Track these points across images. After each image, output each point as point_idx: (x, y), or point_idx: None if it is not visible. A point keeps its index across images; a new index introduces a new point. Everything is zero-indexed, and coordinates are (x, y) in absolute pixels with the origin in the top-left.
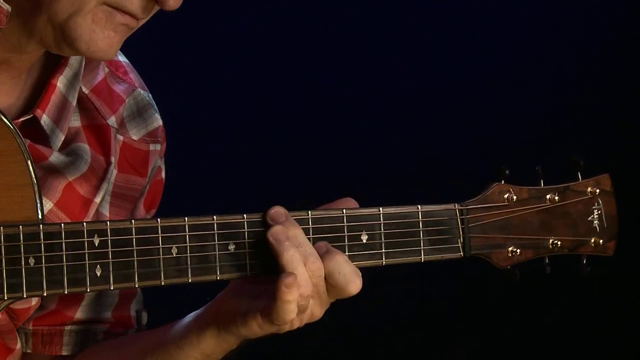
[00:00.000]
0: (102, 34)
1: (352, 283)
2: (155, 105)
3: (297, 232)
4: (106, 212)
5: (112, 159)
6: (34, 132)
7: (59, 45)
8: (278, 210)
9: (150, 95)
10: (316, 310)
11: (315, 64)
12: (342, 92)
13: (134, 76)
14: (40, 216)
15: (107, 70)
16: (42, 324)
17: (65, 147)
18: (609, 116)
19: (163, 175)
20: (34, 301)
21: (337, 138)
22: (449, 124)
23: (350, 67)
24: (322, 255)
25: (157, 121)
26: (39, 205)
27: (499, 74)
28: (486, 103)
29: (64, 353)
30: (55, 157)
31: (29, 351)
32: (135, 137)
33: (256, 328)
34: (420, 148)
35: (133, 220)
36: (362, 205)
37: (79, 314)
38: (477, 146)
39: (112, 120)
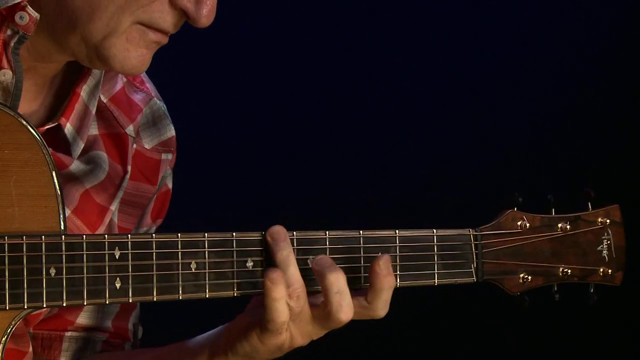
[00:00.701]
0: (135, 52)
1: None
2: (169, 116)
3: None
4: (115, 218)
5: (129, 168)
6: (55, 139)
7: (91, 61)
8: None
9: (165, 106)
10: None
11: (322, 73)
12: (351, 99)
13: (150, 86)
14: (62, 227)
15: (124, 79)
16: (42, 328)
17: (83, 155)
18: (615, 118)
19: (170, 185)
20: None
21: (346, 145)
22: (456, 128)
23: (359, 75)
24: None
25: (171, 131)
26: (61, 216)
27: (516, 103)
28: (493, 106)
29: (62, 359)
30: (75, 166)
31: None
32: (147, 146)
33: (257, 341)
34: (427, 153)
35: (154, 234)
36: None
37: (81, 319)
38: (485, 150)
39: (130, 129)
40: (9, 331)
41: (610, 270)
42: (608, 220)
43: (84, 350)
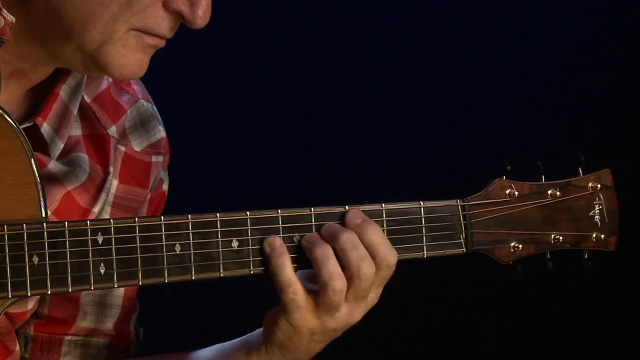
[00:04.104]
0: (132, 58)
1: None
2: (159, 117)
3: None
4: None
5: (111, 169)
6: (33, 139)
7: (88, 69)
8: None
9: (154, 107)
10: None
11: (317, 63)
12: (344, 90)
13: (137, 87)
14: (43, 214)
15: (110, 80)
16: (42, 331)
17: (64, 156)
18: (610, 111)
19: (165, 187)
20: (30, 305)
21: (338, 136)
22: (450, 121)
23: (351, 66)
24: (359, 225)
25: (160, 133)
26: (42, 203)
27: (499, 70)
28: (487, 99)
29: None
30: (53, 165)
31: (26, 356)
32: (137, 149)
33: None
34: (421, 145)
35: (137, 218)
36: (365, 202)
37: (79, 321)
38: (478, 143)
39: (112, 130)
40: None
41: (603, 236)
42: (599, 185)
43: (86, 355)
